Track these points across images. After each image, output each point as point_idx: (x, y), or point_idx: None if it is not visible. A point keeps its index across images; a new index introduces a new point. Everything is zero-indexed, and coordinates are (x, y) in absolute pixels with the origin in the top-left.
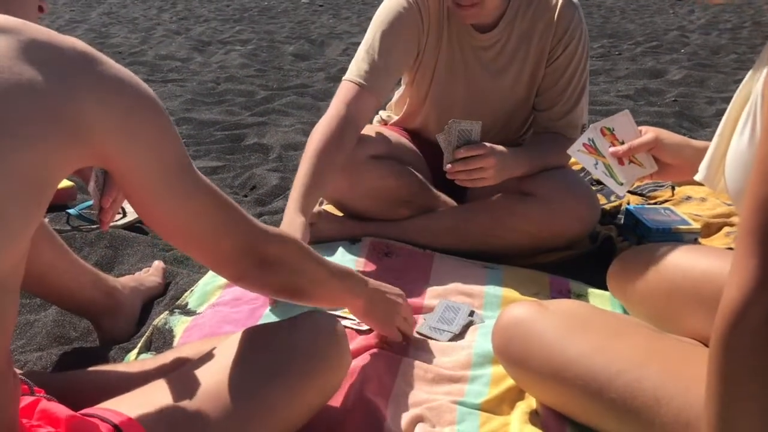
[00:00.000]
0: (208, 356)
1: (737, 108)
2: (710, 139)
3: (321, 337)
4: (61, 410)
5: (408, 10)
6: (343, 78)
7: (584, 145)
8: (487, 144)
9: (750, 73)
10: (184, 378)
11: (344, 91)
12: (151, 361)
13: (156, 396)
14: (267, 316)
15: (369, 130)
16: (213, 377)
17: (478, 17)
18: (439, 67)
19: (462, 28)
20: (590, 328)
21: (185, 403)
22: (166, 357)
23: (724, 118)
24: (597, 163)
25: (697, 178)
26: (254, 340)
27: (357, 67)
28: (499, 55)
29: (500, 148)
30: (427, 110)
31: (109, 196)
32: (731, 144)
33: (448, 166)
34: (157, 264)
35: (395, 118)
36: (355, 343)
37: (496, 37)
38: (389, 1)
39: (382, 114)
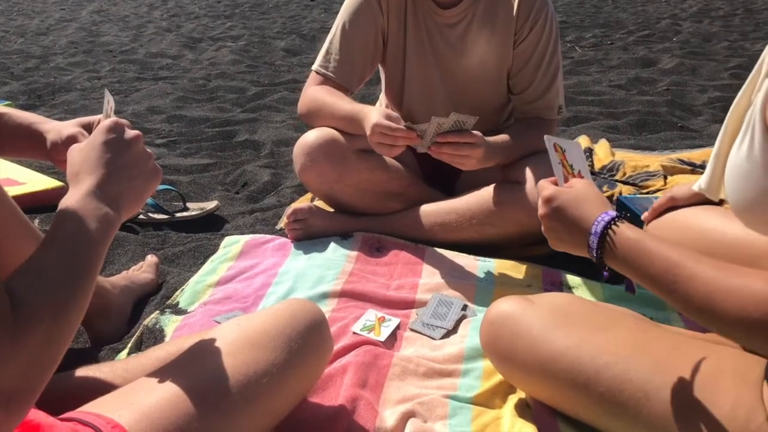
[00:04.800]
0: (189, 352)
1: (735, 120)
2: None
3: (301, 324)
4: (41, 416)
5: None
6: (312, 68)
7: (555, 144)
8: (477, 134)
9: (746, 83)
10: (166, 375)
11: (312, 80)
12: (134, 359)
13: (138, 395)
14: None
15: None
16: (194, 373)
17: None
18: (409, 49)
19: (425, 6)
20: (576, 321)
21: (167, 400)
22: (150, 355)
23: (721, 131)
24: (558, 162)
25: (695, 187)
26: (234, 332)
27: (322, 58)
28: (465, 33)
29: (488, 138)
30: (408, 98)
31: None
32: (730, 156)
33: (432, 144)
34: (150, 259)
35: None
36: (347, 338)
37: (460, 15)
38: None
39: (382, 99)
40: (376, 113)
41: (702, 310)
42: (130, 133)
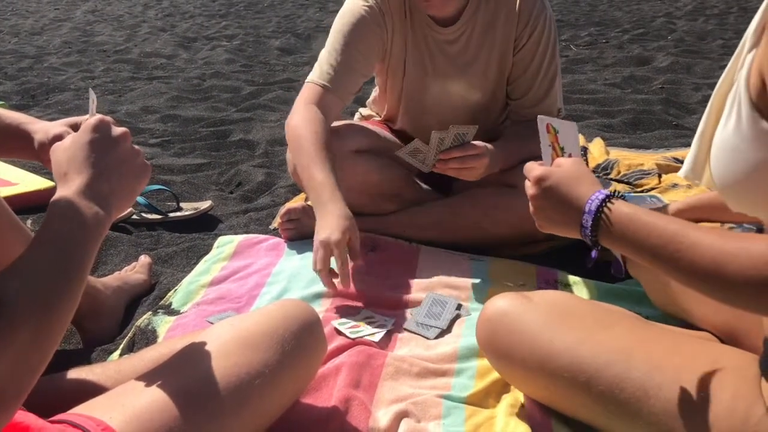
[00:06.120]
0: (181, 353)
1: (719, 101)
2: (697, 125)
3: (294, 325)
4: (31, 419)
5: (368, 11)
6: (306, 80)
7: (548, 125)
8: (480, 144)
9: (729, 65)
10: (158, 376)
11: (308, 92)
12: (126, 360)
13: (129, 397)
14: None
15: (352, 125)
16: (186, 374)
17: (442, 8)
18: (408, 64)
19: (424, 24)
20: (576, 319)
21: (159, 402)
22: (142, 356)
23: (705, 113)
24: (548, 144)
25: (680, 174)
26: (227, 333)
27: (320, 69)
28: (465, 48)
29: (491, 146)
30: (404, 111)
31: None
32: (716, 133)
33: (438, 160)
34: (143, 260)
35: (376, 117)
36: (340, 339)
37: (459, 30)
38: (349, 2)
39: (363, 111)
40: (336, 230)
41: (709, 276)
42: (117, 130)
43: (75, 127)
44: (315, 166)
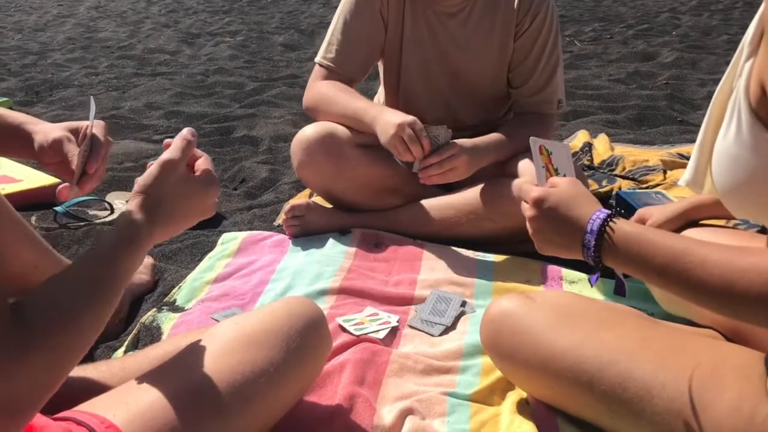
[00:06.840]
0: (186, 351)
1: (718, 108)
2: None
3: (299, 323)
4: (35, 416)
5: None
6: (315, 60)
7: (540, 146)
8: (457, 142)
9: (727, 72)
10: (162, 374)
11: (316, 74)
12: (131, 358)
13: (133, 394)
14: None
15: None
16: (190, 372)
17: None
18: (406, 41)
19: None
20: (579, 319)
21: (162, 400)
22: (147, 354)
23: (704, 121)
24: (542, 165)
25: (681, 182)
26: (232, 331)
27: (324, 50)
28: (466, 22)
29: (469, 142)
30: (406, 91)
31: (94, 162)
32: (717, 142)
33: (420, 170)
34: (146, 260)
35: None
36: (345, 336)
37: (461, 4)
38: None
39: None
40: (395, 114)
41: (718, 294)
42: (216, 187)
43: (75, 132)
44: (352, 101)
